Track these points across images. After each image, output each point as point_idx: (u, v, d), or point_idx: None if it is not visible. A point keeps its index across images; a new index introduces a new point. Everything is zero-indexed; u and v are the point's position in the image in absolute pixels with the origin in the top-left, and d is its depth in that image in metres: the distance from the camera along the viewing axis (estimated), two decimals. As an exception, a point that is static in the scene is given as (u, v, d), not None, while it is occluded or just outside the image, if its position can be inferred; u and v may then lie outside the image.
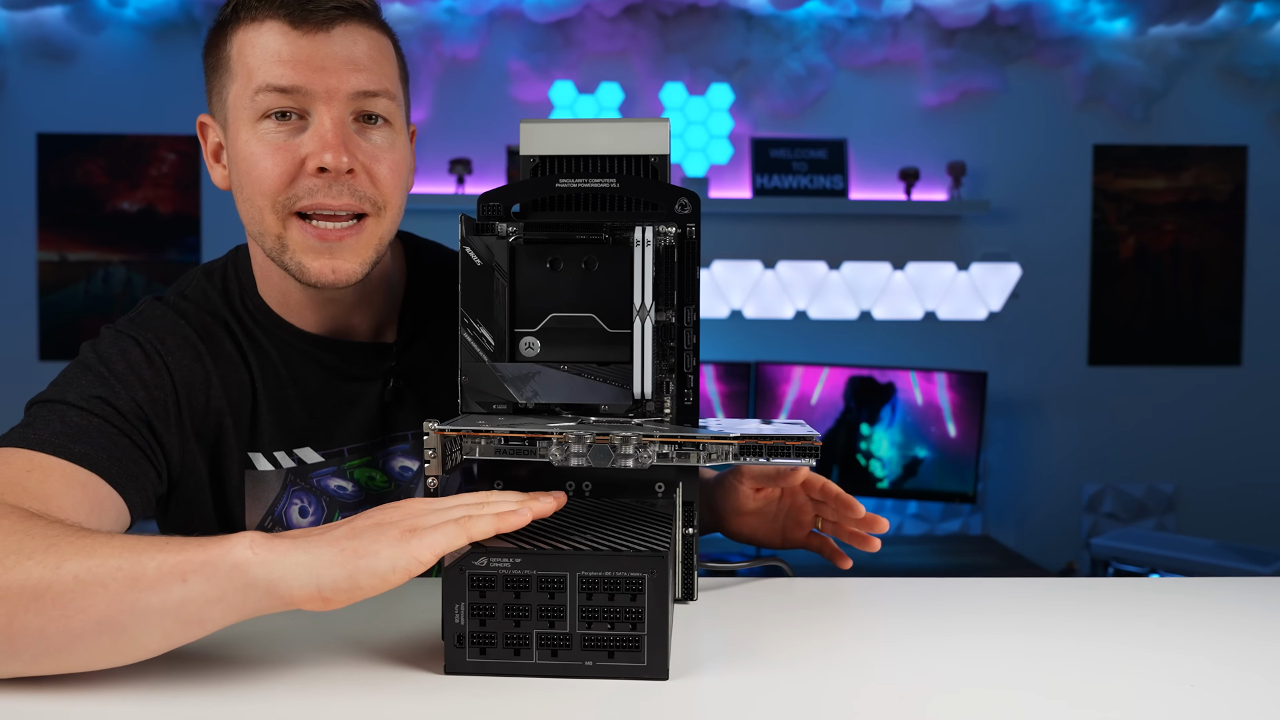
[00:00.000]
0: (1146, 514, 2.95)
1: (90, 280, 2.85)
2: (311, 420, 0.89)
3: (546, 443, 0.69)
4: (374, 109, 0.81)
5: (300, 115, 0.80)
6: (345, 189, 0.80)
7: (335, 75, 0.79)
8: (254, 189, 0.81)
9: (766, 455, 0.72)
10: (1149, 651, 0.70)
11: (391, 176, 0.83)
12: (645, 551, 0.62)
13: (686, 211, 0.75)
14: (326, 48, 0.79)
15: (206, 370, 0.85)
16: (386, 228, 0.84)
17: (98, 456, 0.76)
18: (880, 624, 0.75)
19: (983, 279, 2.84)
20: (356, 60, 0.80)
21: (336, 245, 0.81)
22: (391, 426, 0.91)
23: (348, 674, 0.64)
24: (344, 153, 0.79)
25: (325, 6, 0.79)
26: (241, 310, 0.89)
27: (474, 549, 0.62)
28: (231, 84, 0.82)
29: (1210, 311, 2.95)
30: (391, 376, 0.91)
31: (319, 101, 0.79)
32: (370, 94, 0.81)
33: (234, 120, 0.82)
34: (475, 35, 2.82)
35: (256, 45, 0.80)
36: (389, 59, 0.84)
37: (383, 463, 0.91)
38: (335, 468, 0.89)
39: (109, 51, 2.81)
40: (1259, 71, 2.88)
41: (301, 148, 0.80)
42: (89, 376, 0.81)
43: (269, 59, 0.79)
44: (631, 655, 0.62)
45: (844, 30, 2.85)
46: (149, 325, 0.86)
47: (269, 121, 0.80)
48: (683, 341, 0.75)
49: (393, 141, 0.83)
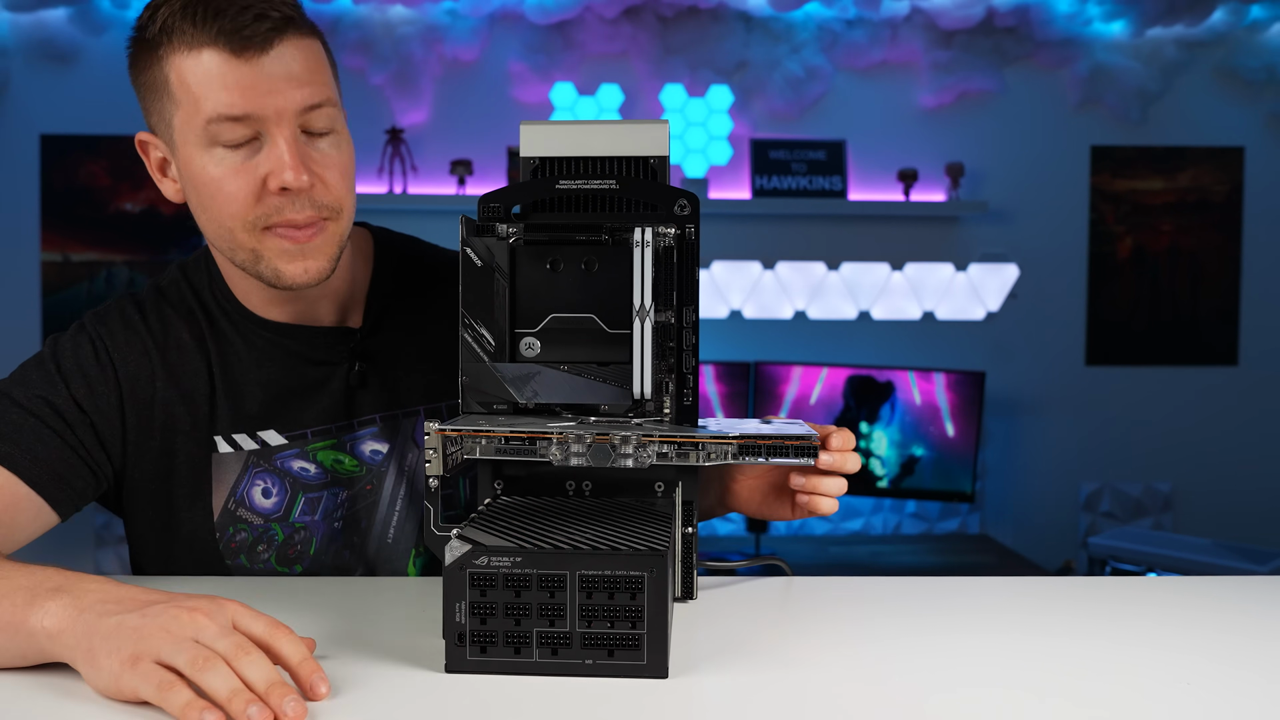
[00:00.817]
0: (1144, 513, 2.96)
1: (93, 281, 2.85)
2: (275, 404, 0.91)
3: (546, 442, 0.70)
4: (318, 123, 0.84)
5: (253, 137, 0.82)
6: (307, 202, 0.83)
7: (281, 95, 0.81)
8: (221, 211, 0.84)
9: (765, 455, 0.72)
10: (1146, 650, 0.70)
11: (342, 180, 0.86)
12: (645, 550, 0.62)
13: (686, 212, 0.76)
14: (267, 69, 0.81)
15: (153, 365, 0.90)
16: (344, 226, 0.88)
17: (20, 458, 0.82)
18: (878, 623, 0.76)
19: (981, 279, 2.84)
20: (296, 76, 0.82)
21: (307, 246, 0.85)
22: (357, 410, 0.93)
23: (348, 672, 0.64)
24: (303, 171, 0.82)
25: (261, 30, 0.80)
26: (210, 300, 0.93)
27: (475, 548, 0.63)
28: (175, 110, 0.83)
29: (1207, 312, 2.95)
30: (356, 360, 0.93)
31: (269, 124, 0.81)
32: (315, 107, 0.83)
33: (183, 144, 0.84)
34: (476, 37, 2.82)
35: (198, 74, 0.81)
36: (323, 63, 0.86)
37: (350, 446, 0.93)
38: (299, 449, 0.91)
39: (112, 53, 2.81)
40: (1256, 73, 2.89)
41: (259, 168, 0.82)
42: (39, 374, 0.88)
43: (214, 88, 0.80)
44: (631, 654, 0.62)
45: (843, 32, 2.85)
46: (106, 321, 0.91)
47: (221, 149, 0.82)
48: (682, 342, 0.75)
49: (338, 145, 0.86)
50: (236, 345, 0.91)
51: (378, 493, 0.93)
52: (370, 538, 0.93)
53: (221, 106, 0.80)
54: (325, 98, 0.84)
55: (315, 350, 0.92)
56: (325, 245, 0.85)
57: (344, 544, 0.92)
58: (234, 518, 0.90)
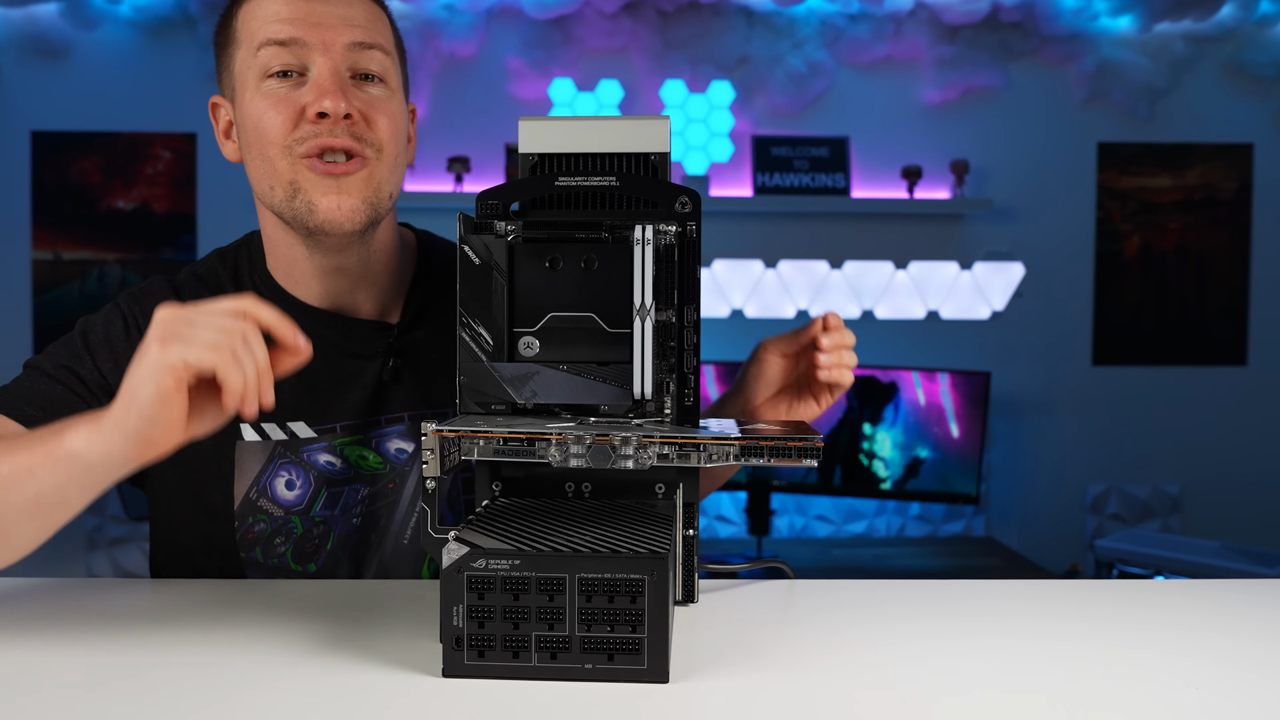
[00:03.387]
0: (1151, 515, 2.94)
1: (85, 279, 2.85)
2: (308, 394, 0.91)
3: (546, 443, 0.69)
4: (369, 64, 0.86)
5: (300, 73, 0.85)
6: (344, 131, 0.85)
7: (331, 29, 0.85)
8: (261, 141, 0.86)
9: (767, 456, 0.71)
10: (1153, 654, 0.69)
11: (389, 125, 0.87)
12: (645, 553, 0.61)
13: (687, 210, 0.75)
14: (324, 6, 0.85)
15: None
16: (384, 173, 0.88)
17: (41, 419, 0.83)
18: (882, 626, 0.75)
19: (986, 278, 2.83)
20: (352, 18, 0.86)
21: (343, 180, 0.85)
22: (386, 406, 0.93)
23: (345, 677, 0.63)
24: (341, 99, 0.84)
25: None
26: (247, 284, 0.93)
27: (472, 551, 0.61)
28: (237, 53, 0.88)
29: (1215, 311, 2.93)
30: (391, 355, 0.93)
31: (316, 53, 0.85)
32: (365, 45, 0.86)
33: (240, 87, 0.87)
34: (474, 32, 2.81)
35: (258, 11, 0.86)
36: (384, 24, 0.89)
37: (376, 443, 0.92)
38: (326, 443, 0.91)
39: (104, 49, 2.81)
40: (1264, 69, 2.87)
41: (302, 98, 0.85)
42: (67, 348, 0.89)
43: (269, 19, 0.85)
44: (631, 658, 0.61)
45: (846, 27, 2.84)
46: (141, 300, 0.92)
47: (272, 80, 0.85)
48: (683, 341, 0.74)
49: (389, 96, 0.88)
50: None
51: (399, 492, 0.92)
52: (388, 537, 0.92)
53: (272, 32, 0.85)
54: (376, 42, 0.87)
55: (351, 342, 0.92)
56: (362, 184, 0.86)
57: (361, 541, 0.91)
58: (254, 507, 0.90)
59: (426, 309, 0.95)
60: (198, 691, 0.61)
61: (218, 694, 0.60)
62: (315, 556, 0.91)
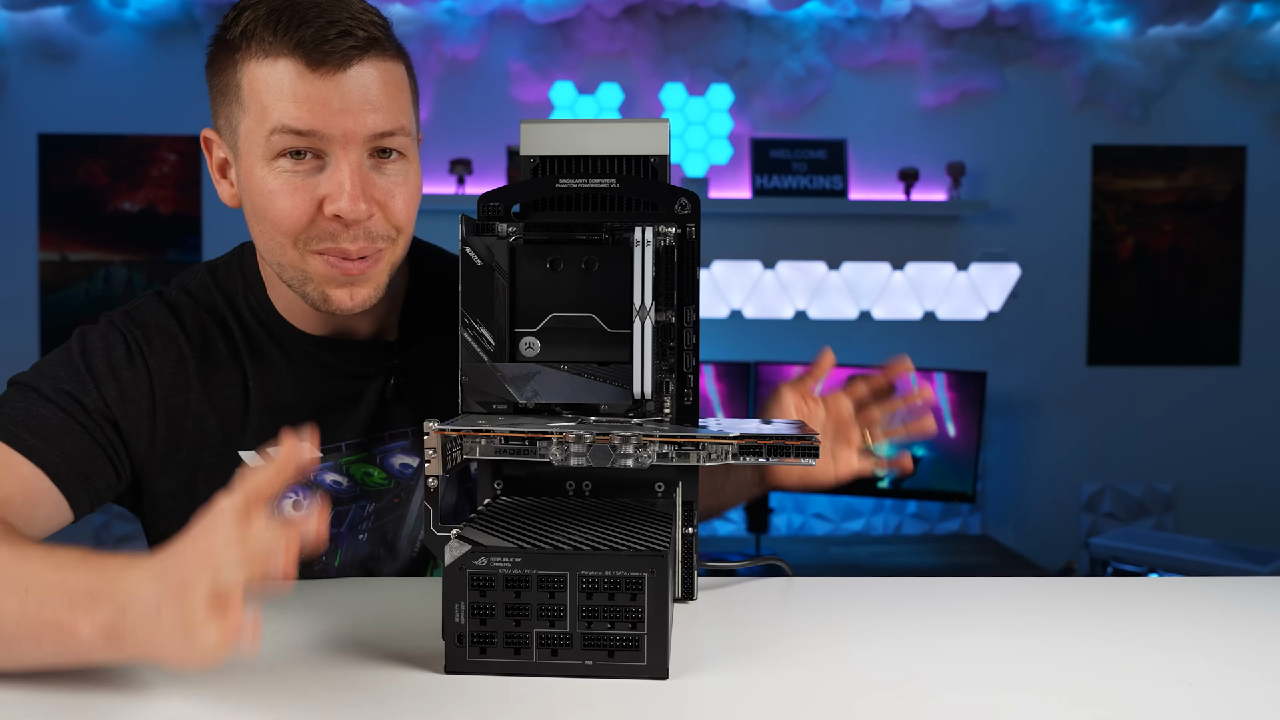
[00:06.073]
0: (1145, 513, 2.95)
1: (91, 280, 2.85)
2: (312, 417, 0.88)
3: (546, 443, 0.70)
4: (390, 146, 0.81)
5: (316, 155, 0.80)
6: (361, 233, 0.81)
7: (352, 118, 0.78)
8: (273, 226, 0.81)
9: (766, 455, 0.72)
10: (1147, 651, 0.70)
11: (406, 209, 0.83)
12: (645, 551, 0.62)
13: (686, 212, 0.75)
14: (343, 88, 0.78)
15: (189, 373, 0.86)
16: (399, 253, 0.85)
17: (48, 452, 0.79)
18: (879, 623, 0.75)
19: (982, 279, 2.84)
20: (372, 100, 0.79)
21: (357, 278, 0.82)
22: (390, 423, 0.91)
23: (348, 673, 0.64)
24: (361, 200, 0.79)
25: (343, 47, 0.78)
26: (245, 310, 0.90)
27: (474, 549, 0.62)
28: (243, 116, 0.81)
29: (1209, 312, 2.95)
30: (393, 374, 0.91)
31: (336, 145, 0.79)
32: (386, 134, 0.80)
33: (246, 152, 0.81)
34: (475, 36, 2.82)
35: (270, 83, 0.78)
36: (403, 90, 0.83)
37: (381, 459, 0.91)
38: (332, 463, 0.90)
39: (110, 52, 2.81)
40: (1258, 72, 2.88)
41: (319, 188, 0.80)
42: (67, 369, 0.84)
43: (284, 99, 0.78)
44: (631, 655, 0.62)
45: (843, 31, 2.85)
46: (140, 321, 0.87)
47: (285, 160, 0.80)
48: (683, 341, 0.75)
49: (406, 173, 0.83)
50: (274, 358, 0.88)
51: (405, 506, 0.92)
52: (397, 551, 0.92)
53: (288, 119, 0.78)
54: (398, 126, 0.80)
55: (351, 364, 0.90)
56: (377, 275, 0.83)
57: (369, 556, 0.91)
58: None
59: (423, 323, 0.93)
60: (200, 688, 0.61)
61: (220, 690, 0.61)
62: (324, 574, 0.90)
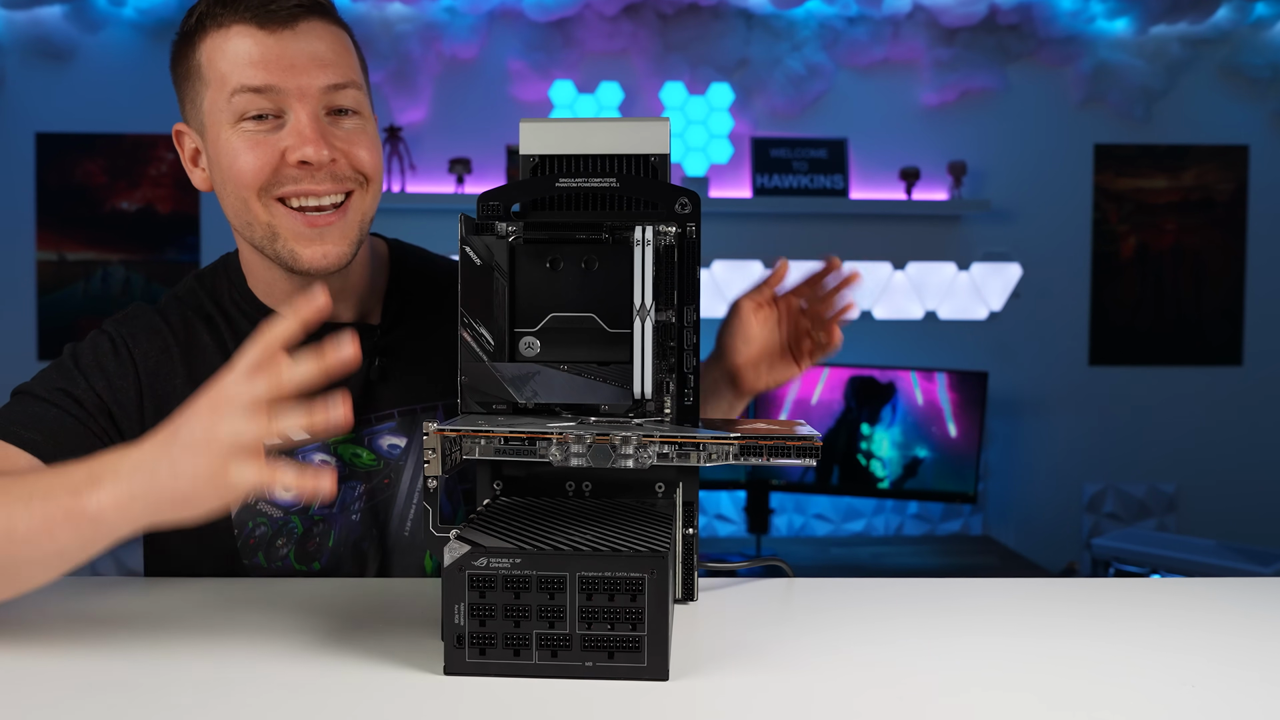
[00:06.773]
0: (1147, 514, 2.95)
1: (89, 280, 2.85)
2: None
3: (546, 443, 0.69)
4: (343, 102, 0.86)
5: (276, 115, 0.84)
6: (327, 175, 0.85)
7: (305, 73, 0.84)
8: (237, 182, 0.85)
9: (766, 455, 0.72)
10: (1149, 652, 0.70)
11: (370, 156, 0.88)
12: (645, 552, 0.62)
13: (687, 211, 0.75)
14: (293, 45, 0.84)
15: (174, 361, 0.91)
16: (369, 203, 0.89)
17: (43, 443, 0.82)
18: (880, 624, 0.75)
19: (983, 279, 2.84)
20: (321, 56, 0.85)
21: (326, 230, 0.86)
22: (376, 405, 0.94)
23: (347, 674, 0.63)
24: (323, 145, 0.84)
25: (287, 6, 0.83)
26: (228, 303, 0.94)
27: (474, 549, 0.62)
28: (205, 91, 0.86)
29: (1211, 311, 2.94)
30: (377, 355, 0.94)
31: (292, 99, 0.84)
32: (339, 86, 0.85)
33: (212, 125, 0.86)
34: (475, 34, 2.81)
35: (226, 51, 0.84)
36: (350, 52, 0.89)
37: (369, 440, 0.93)
38: (319, 443, 0.92)
39: (108, 51, 2.81)
40: (1260, 71, 2.88)
41: (280, 142, 0.84)
42: (59, 371, 0.89)
43: (240, 62, 0.84)
44: (631, 656, 0.62)
45: (844, 29, 2.85)
46: (125, 322, 0.93)
47: (247, 122, 0.84)
48: (683, 341, 0.75)
49: (364, 127, 0.88)
50: None
51: (395, 486, 0.93)
52: (388, 531, 0.93)
53: (246, 78, 0.83)
54: (349, 79, 0.86)
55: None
56: (346, 228, 0.87)
57: (362, 536, 0.92)
58: (253, 511, 0.90)
59: (405, 310, 0.97)
60: (200, 689, 0.61)
61: (219, 691, 0.61)
62: (319, 555, 0.91)
